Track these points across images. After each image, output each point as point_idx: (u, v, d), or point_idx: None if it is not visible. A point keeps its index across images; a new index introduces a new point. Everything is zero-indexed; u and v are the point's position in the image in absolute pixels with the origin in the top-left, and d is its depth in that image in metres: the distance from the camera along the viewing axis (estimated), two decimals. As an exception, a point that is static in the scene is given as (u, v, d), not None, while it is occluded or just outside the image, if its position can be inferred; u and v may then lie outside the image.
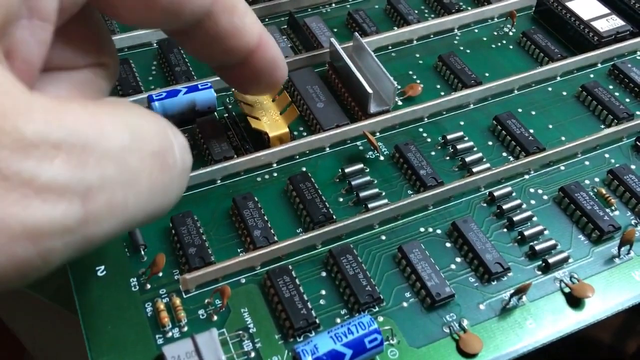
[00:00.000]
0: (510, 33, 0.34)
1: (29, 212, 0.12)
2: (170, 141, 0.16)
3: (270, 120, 0.27)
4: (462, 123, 0.29)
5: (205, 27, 0.21)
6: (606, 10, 0.33)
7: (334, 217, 0.25)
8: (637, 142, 0.28)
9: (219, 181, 0.26)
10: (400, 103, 0.30)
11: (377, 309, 0.22)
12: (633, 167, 0.27)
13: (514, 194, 0.26)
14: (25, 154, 0.12)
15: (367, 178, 0.26)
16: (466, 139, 0.28)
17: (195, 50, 0.23)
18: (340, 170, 0.27)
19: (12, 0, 0.13)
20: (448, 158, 0.28)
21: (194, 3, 0.20)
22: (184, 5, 0.19)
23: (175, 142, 0.16)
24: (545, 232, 0.25)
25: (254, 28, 0.23)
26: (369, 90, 0.28)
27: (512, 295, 0.22)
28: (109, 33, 0.21)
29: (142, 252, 0.23)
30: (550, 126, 0.29)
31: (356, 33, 0.30)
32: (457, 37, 0.34)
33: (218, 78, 0.29)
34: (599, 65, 0.32)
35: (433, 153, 0.28)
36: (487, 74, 0.31)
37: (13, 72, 0.13)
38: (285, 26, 0.34)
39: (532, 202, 0.26)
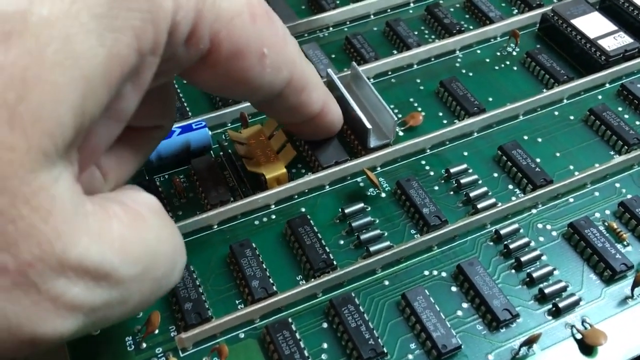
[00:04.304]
0: (514, 53, 0.33)
1: (42, 324, 0.13)
2: (174, 266, 0.17)
3: (267, 160, 0.26)
4: (465, 153, 0.28)
5: (274, 102, 0.22)
6: (613, 27, 0.32)
7: (335, 262, 0.24)
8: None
9: (215, 226, 0.25)
10: (401, 134, 0.29)
11: (381, 362, 0.22)
12: (645, 197, 0.26)
13: (521, 231, 0.25)
14: (62, 274, 0.13)
15: (369, 218, 0.25)
16: (470, 171, 0.27)
17: (259, 108, 0.25)
18: (340, 210, 0.26)
19: (96, 110, 0.14)
20: (452, 193, 0.27)
21: (267, 90, 0.21)
22: (257, 93, 0.21)
23: (178, 265, 0.18)
24: (555, 273, 0.24)
25: (319, 99, 0.24)
26: (368, 125, 0.27)
27: (522, 345, 0.22)
28: (175, 97, 0.21)
29: (138, 308, 0.23)
30: (558, 154, 0.28)
31: (354, 62, 0.29)
32: (459, 59, 0.32)
33: (212, 115, 0.28)
34: (607, 86, 0.31)
35: (436, 187, 0.27)
36: (490, 99, 0.30)
37: (77, 174, 0.14)
38: (282, 53, 0.33)
39: (541, 239, 0.25)
